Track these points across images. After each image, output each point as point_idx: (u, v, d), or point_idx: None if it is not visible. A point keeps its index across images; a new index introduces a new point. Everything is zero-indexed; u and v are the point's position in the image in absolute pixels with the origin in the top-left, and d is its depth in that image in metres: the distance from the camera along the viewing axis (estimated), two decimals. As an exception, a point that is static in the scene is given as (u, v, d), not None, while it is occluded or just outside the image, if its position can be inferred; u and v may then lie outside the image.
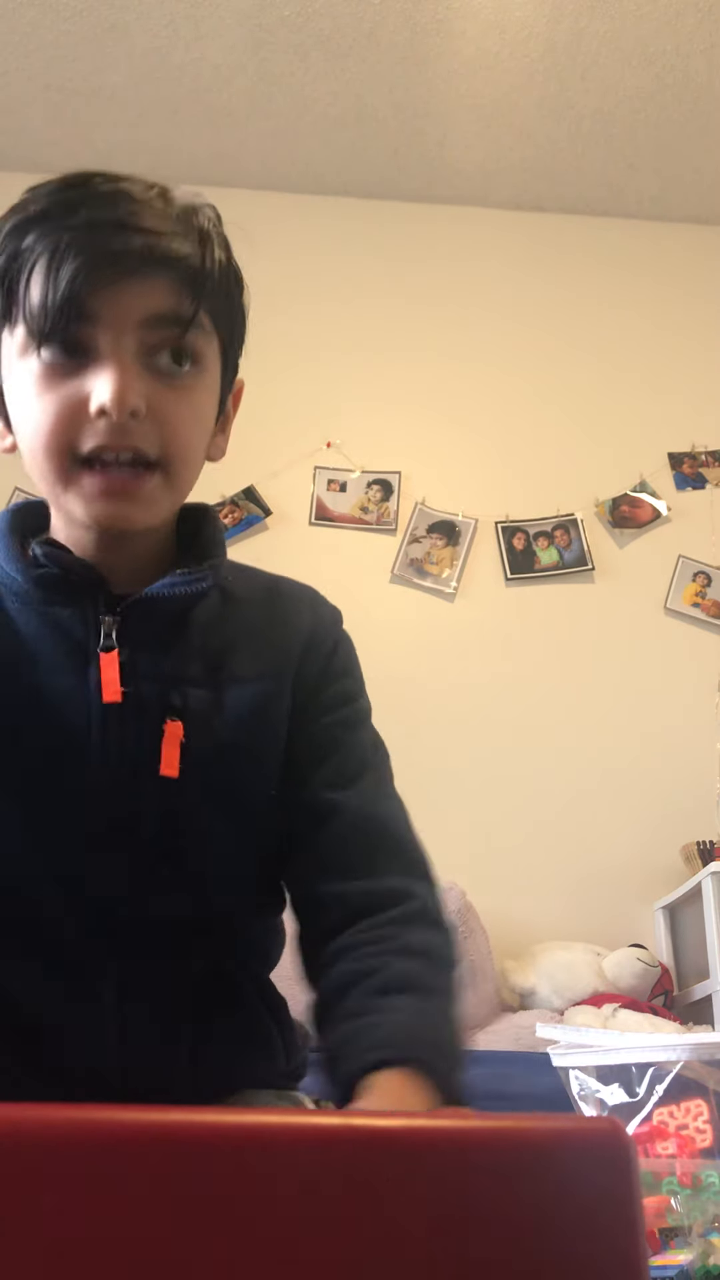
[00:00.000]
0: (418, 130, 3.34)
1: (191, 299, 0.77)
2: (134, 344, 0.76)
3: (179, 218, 0.78)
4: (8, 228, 0.77)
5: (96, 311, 0.75)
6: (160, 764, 0.78)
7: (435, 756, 3.06)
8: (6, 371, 0.80)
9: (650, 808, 3.05)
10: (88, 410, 0.75)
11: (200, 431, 0.83)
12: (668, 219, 3.64)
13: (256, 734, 0.84)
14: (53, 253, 0.74)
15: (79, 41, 3.05)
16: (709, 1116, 1.28)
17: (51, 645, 0.80)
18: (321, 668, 0.89)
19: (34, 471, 0.81)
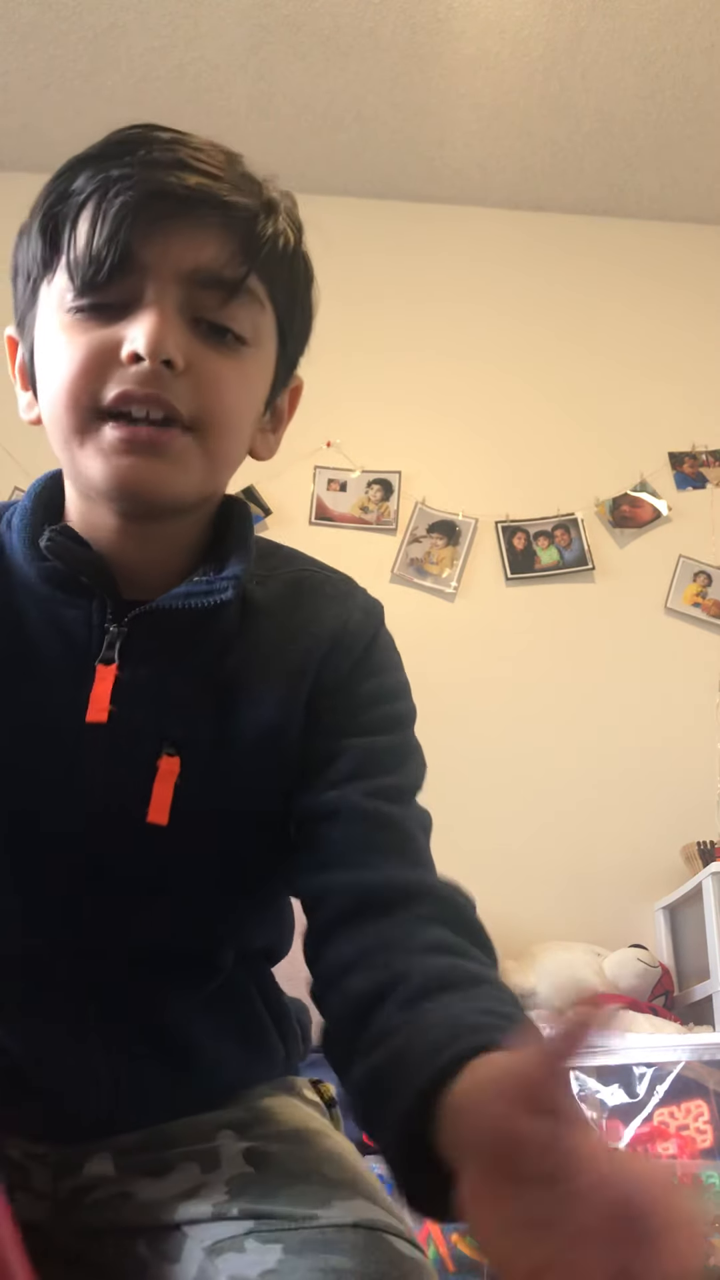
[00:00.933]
0: (418, 130, 3.33)
1: (245, 259, 0.70)
2: (178, 297, 0.69)
3: (243, 175, 0.73)
4: (60, 170, 0.71)
5: (142, 257, 0.68)
6: (149, 808, 0.69)
7: (435, 756, 3.05)
8: (40, 329, 0.73)
9: (650, 808, 3.05)
10: (118, 356, 0.68)
11: (247, 404, 0.74)
12: (668, 219, 3.63)
13: (263, 772, 0.75)
14: (103, 190, 0.68)
15: (79, 41, 3.05)
16: (709, 1117, 1.28)
17: (53, 650, 0.73)
18: (346, 673, 0.79)
19: (52, 430, 0.72)
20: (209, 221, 0.69)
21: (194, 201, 0.68)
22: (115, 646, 0.71)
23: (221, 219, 0.69)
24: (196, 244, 0.69)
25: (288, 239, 0.75)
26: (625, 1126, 1.29)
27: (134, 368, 0.67)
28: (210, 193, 0.69)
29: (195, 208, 0.68)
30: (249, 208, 0.71)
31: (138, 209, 0.67)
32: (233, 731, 0.73)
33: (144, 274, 0.69)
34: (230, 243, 0.70)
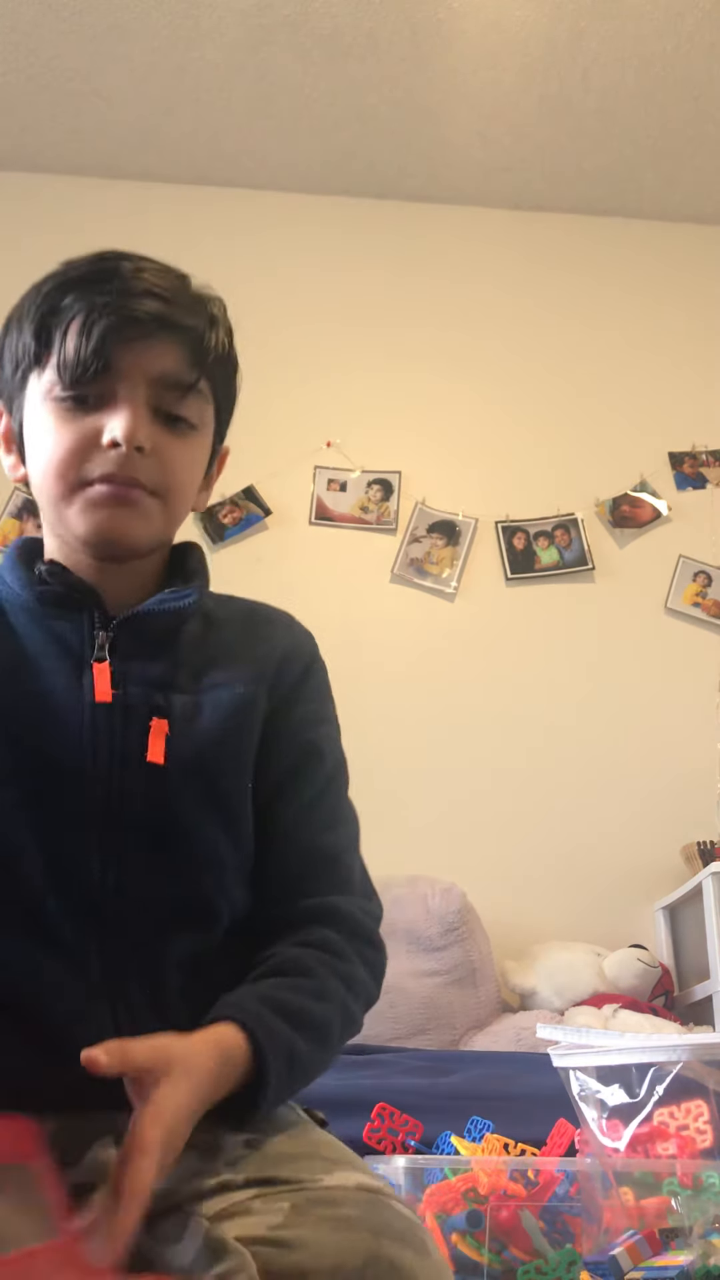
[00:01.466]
0: (418, 130, 3.33)
1: (196, 367, 0.92)
2: (145, 395, 0.90)
3: (193, 299, 0.94)
4: (49, 287, 0.92)
5: (119, 364, 0.89)
6: (147, 752, 0.87)
7: (435, 756, 3.07)
8: (29, 410, 0.93)
9: (650, 808, 3.05)
10: (100, 442, 0.88)
11: (194, 475, 0.96)
12: (668, 219, 3.64)
13: (234, 731, 0.92)
14: (89, 312, 0.88)
15: (79, 41, 3.05)
16: (709, 1117, 1.28)
17: (51, 654, 0.90)
18: (295, 682, 0.99)
19: (42, 494, 0.93)
20: (169, 339, 0.90)
21: (158, 324, 0.89)
22: (105, 648, 0.90)
23: (179, 337, 0.91)
24: (160, 355, 0.90)
25: (224, 345, 0.96)
26: (625, 1126, 1.29)
27: (112, 451, 0.88)
28: (170, 318, 0.90)
29: (159, 329, 0.90)
30: (198, 327, 0.92)
31: (117, 329, 0.88)
32: (205, 700, 0.92)
33: (119, 377, 0.89)
34: (185, 354, 0.91)
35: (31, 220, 3.44)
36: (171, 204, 3.51)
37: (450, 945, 2.62)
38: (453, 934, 2.63)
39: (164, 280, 0.93)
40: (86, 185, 3.49)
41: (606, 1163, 1.26)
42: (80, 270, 0.93)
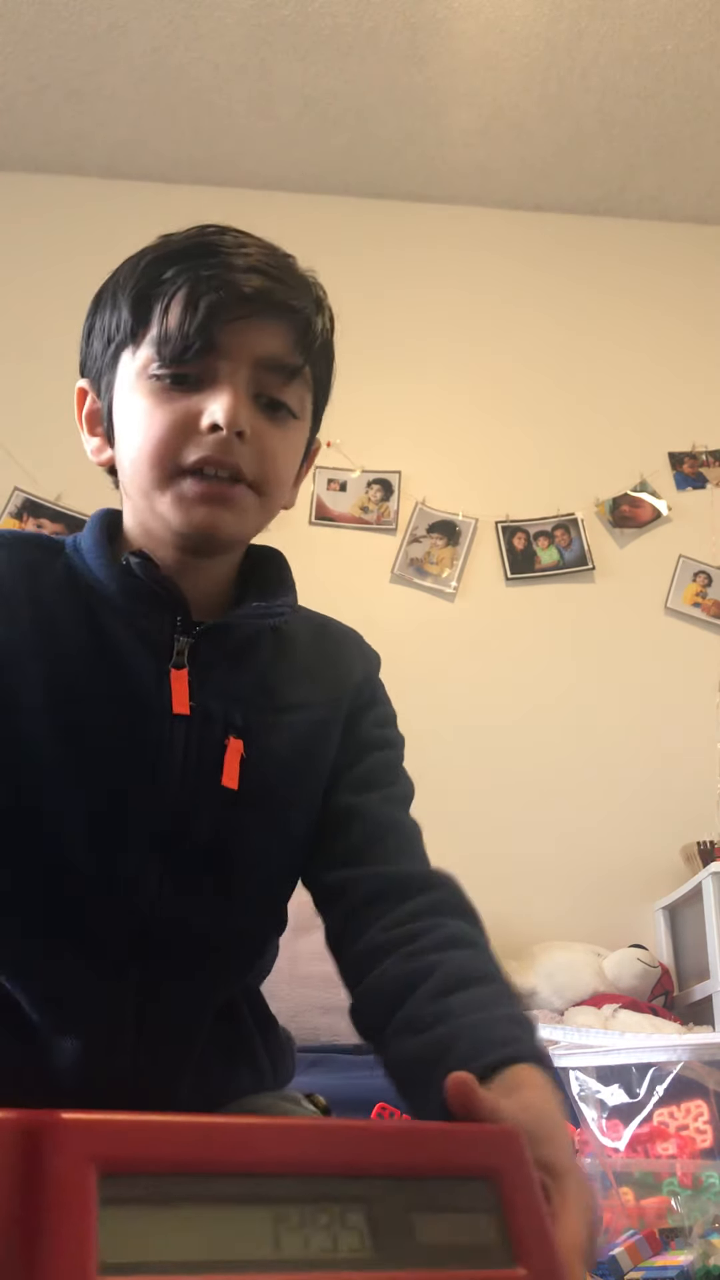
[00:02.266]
0: (418, 130, 3.33)
1: (302, 351, 0.87)
2: (248, 378, 0.84)
3: (300, 280, 0.90)
4: (149, 258, 0.87)
5: (223, 343, 0.83)
6: (222, 775, 0.82)
7: (435, 756, 3.06)
8: (120, 389, 0.87)
9: (650, 808, 3.05)
10: (199, 425, 0.82)
11: (291, 467, 0.91)
12: (668, 219, 3.64)
13: (310, 759, 0.89)
14: (193, 285, 0.83)
15: (79, 41, 3.05)
16: (709, 1117, 1.28)
17: (131, 653, 0.84)
18: (367, 701, 0.97)
19: (133, 479, 0.86)
20: (276, 318, 0.85)
21: (266, 302, 0.84)
22: (184, 654, 0.85)
23: (286, 317, 0.85)
24: (265, 336, 0.85)
25: (328, 332, 0.92)
26: (625, 1126, 1.29)
27: (211, 436, 0.82)
28: (279, 297, 0.85)
29: (266, 308, 0.84)
30: (306, 309, 0.87)
31: (223, 306, 0.82)
32: (282, 721, 0.88)
33: (222, 356, 0.83)
34: (290, 336, 0.86)
35: (31, 220, 3.44)
36: (171, 204, 3.50)
37: (450, 945, 2.62)
38: (453, 934, 2.63)
39: (271, 258, 0.88)
40: (86, 185, 3.49)
41: (606, 1163, 1.26)
42: (181, 243, 0.87)
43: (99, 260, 3.89)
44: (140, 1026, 0.81)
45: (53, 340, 3.36)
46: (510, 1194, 0.48)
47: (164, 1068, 0.81)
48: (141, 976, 0.81)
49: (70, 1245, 0.39)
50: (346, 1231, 0.44)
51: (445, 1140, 0.49)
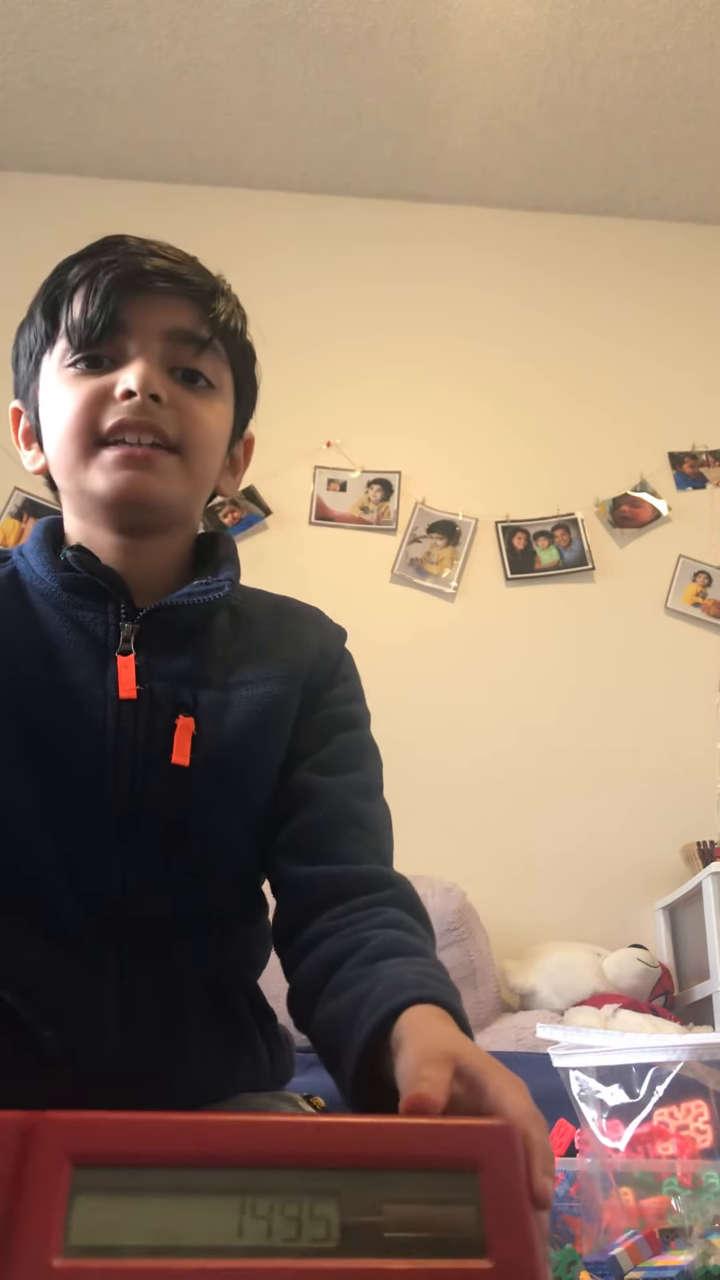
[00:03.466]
0: (418, 130, 3.34)
1: (208, 324, 0.89)
2: (159, 351, 0.88)
3: (197, 265, 0.92)
4: (55, 269, 0.92)
5: (127, 321, 0.87)
6: (172, 753, 0.83)
7: (435, 756, 3.06)
8: (44, 391, 0.90)
9: (650, 808, 3.05)
10: (113, 395, 0.85)
11: (216, 435, 0.91)
12: (668, 219, 3.64)
13: (264, 732, 0.88)
14: (92, 275, 0.87)
15: (79, 41, 3.05)
16: (709, 1117, 1.28)
17: (75, 644, 0.85)
18: (327, 675, 0.95)
19: (59, 463, 0.89)
20: (178, 293, 0.88)
21: (164, 278, 0.88)
22: (130, 640, 0.85)
23: (188, 291, 0.89)
24: (171, 310, 0.88)
25: (236, 320, 0.93)
26: (625, 1126, 1.29)
27: (126, 402, 0.85)
28: (178, 273, 0.89)
29: (166, 283, 0.88)
30: (207, 285, 0.91)
31: (122, 283, 0.86)
32: (235, 698, 0.88)
33: (129, 334, 0.87)
34: (196, 309, 0.89)
35: (31, 220, 3.44)
36: (171, 204, 3.51)
37: (450, 945, 2.62)
38: (452, 934, 2.63)
39: (169, 249, 0.91)
40: (86, 185, 3.49)
41: (606, 1163, 1.27)
42: (86, 248, 0.92)
43: (99, 260, 3.73)
44: (121, 1013, 0.80)
45: (53, 340, 3.37)
46: (491, 1187, 0.48)
47: (153, 1056, 0.80)
48: (116, 960, 0.81)
49: (40, 1229, 0.42)
50: (313, 1221, 0.45)
51: (430, 1133, 0.50)
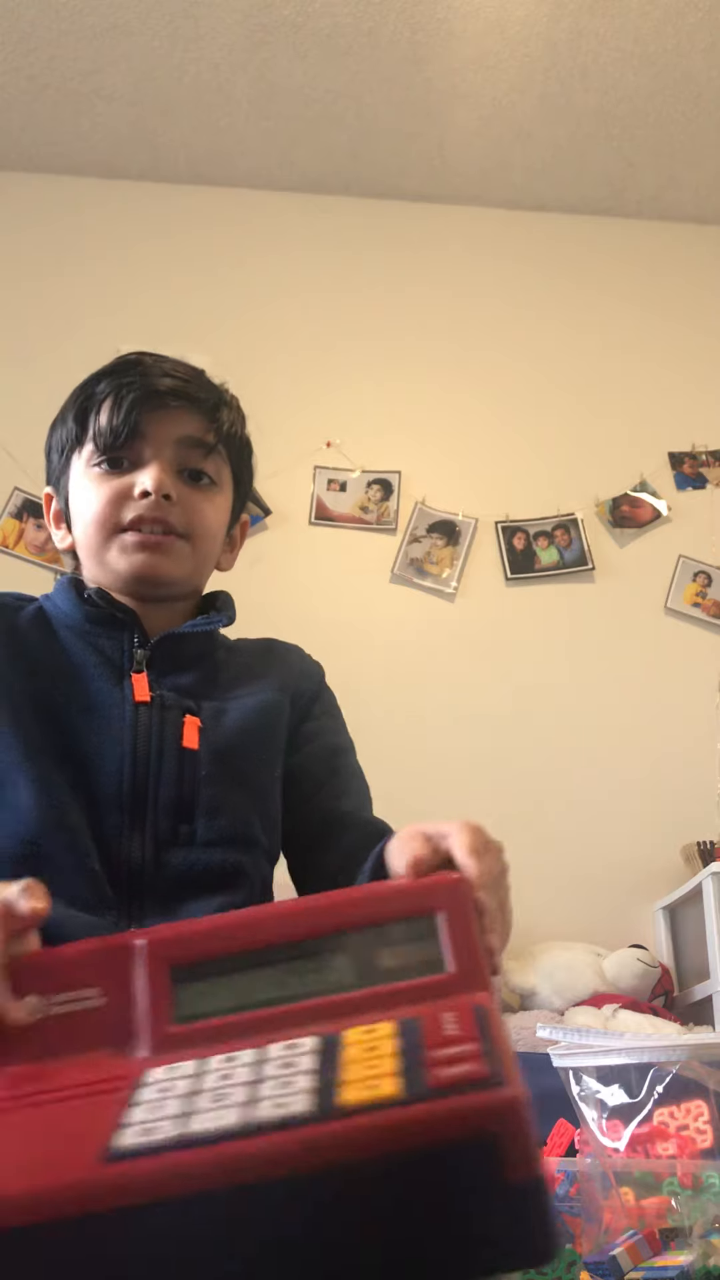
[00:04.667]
0: (418, 130, 3.33)
1: (213, 431, 1.09)
2: (170, 455, 1.07)
3: (206, 382, 1.12)
4: (85, 382, 1.11)
5: (146, 430, 1.06)
6: (183, 740, 1.00)
7: (435, 756, 3.06)
8: (74, 484, 1.10)
9: (650, 808, 3.05)
10: (133, 494, 1.05)
11: (217, 524, 1.11)
12: (668, 219, 3.64)
13: (260, 728, 1.06)
14: (118, 390, 1.07)
15: (79, 41, 3.05)
16: (709, 1117, 1.28)
17: (95, 664, 1.04)
18: (312, 696, 1.15)
19: (85, 545, 1.09)
20: (188, 407, 1.08)
21: (176, 396, 1.08)
22: (142, 663, 1.04)
23: (196, 406, 1.09)
24: (180, 421, 1.08)
25: (236, 426, 1.13)
26: (625, 1126, 1.29)
27: (143, 501, 1.05)
28: (186, 391, 1.09)
29: (179, 399, 1.08)
30: (211, 399, 1.11)
31: (143, 400, 1.06)
32: (232, 705, 1.07)
33: (146, 440, 1.07)
34: (202, 420, 1.09)
35: (31, 220, 3.44)
36: (171, 204, 3.51)
37: (450, 945, 2.62)
38: (453, 934, 2.63)
39: (180, 368, 1.11)
40: (86, 185, 3.49)
41: (606, 1163, 1.26)
42: (108, 367, 1.11)
43: (99, 260, 3.92)
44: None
45: (52, 340, 3.37)
46: (448, 923, 0.69)
47: None
48: (141, 918, 0.94)
49: (155, 1010, 0.65)
50: (333, 971, 0.67)
51: (404, 893, 0.71)
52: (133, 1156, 0.51)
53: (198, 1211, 0.50)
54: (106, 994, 0.66)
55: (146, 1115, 0.54)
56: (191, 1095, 0.56)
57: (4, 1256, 0.49)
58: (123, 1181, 0.50)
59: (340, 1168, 0.51)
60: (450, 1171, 0.51)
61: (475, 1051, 0.56)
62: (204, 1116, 0.53)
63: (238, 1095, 0.55)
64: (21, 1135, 0.57)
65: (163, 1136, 0.52)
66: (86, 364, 1.17)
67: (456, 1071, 0.54)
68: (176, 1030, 0.64)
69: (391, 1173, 0.51)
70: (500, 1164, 0.51)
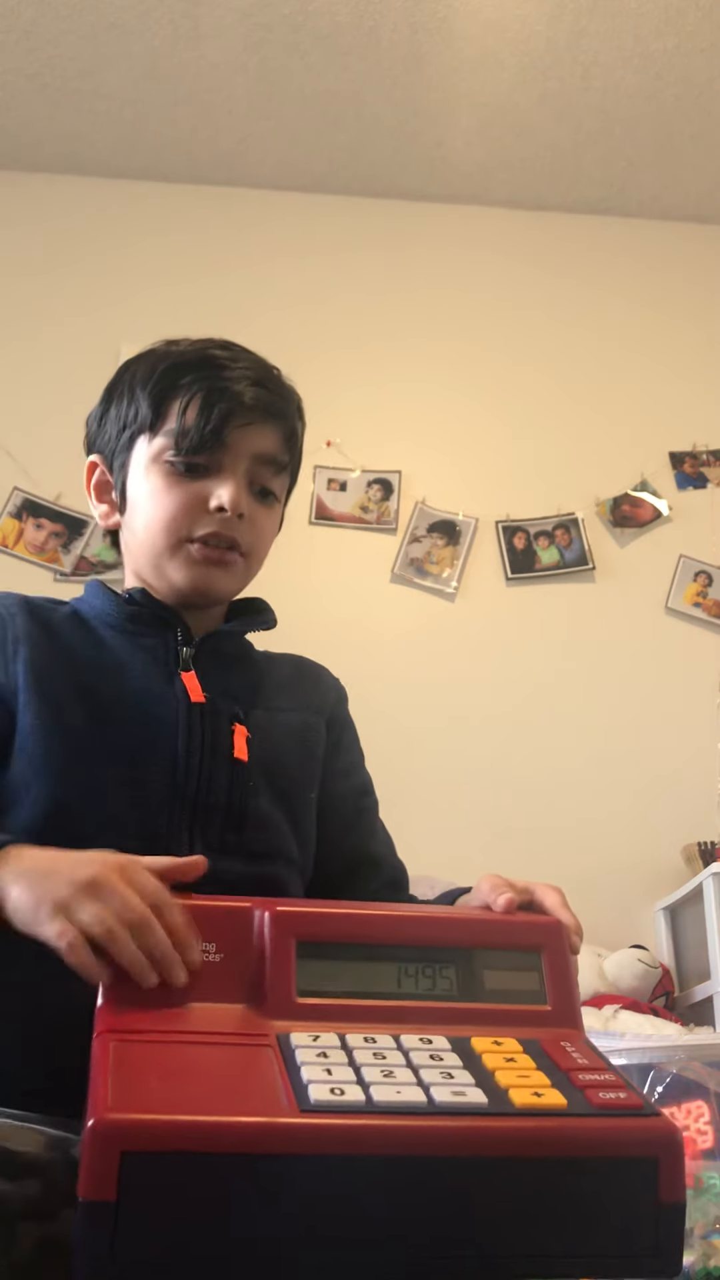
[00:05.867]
0: (418, 130, 3.33)
1: (288, 450, 1.10)
2: (246, 470, 1.06)
3: (286, 391, 1.12)
4: (165, 365, 1.07)
5: (230, 442, 1.05)
6: (234, 750, 1.01)
7: (435, 756, 3.06)
8: (135, 469, 1.08)
9: (650, 808, 3.04)
10: (207, 505, 1.04)
11: (272, 537, 1.13)
12: (668, 218, 3.63)
13: (300, 749, 1.09)
14: (208, 394, 1.04)
15: (79, 41, 3.05)
16: (709, 1117, 1.27)
17: (141, 661, 1.04)
18: (342, 724, 1.18)
19: (144, 543, 1.07)
20: (271, 423, 1.08)
21: (264, 412, 1.07)
22: (189, 661, 1.05)
23: (278, 424, 1.08)
24: (263, 437, 1.07)
25: (302, 433, 1.13)
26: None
27: (218, 515, 1.04)
28: (273, 407, 1.08)
29: (264, 416, 1.07)
30: (291, 417, 1.11)
31: (232, 413, 1.04)
32: (276, 719, 1.09)
33: (227, 452, 1.05)
34: (280, 438, 1.09)
35: (31, 220, 3.44)
36: (171, 204, 3.50)
37: (450, 945, 2.62)
38: (453, 934, 2.63)
39: (265, 374, 1.10)
40: (86, 185, 3.49)
41: (607, 1163, 1.26)
42: (192, 356, 1.08)
43: (99, 261, 3.92)
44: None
45: (52, 340, 3.36)
46: (549, 960, 0.76)
47: None
48: None
49: (281, 981, 0.70)
50: (441, 979, 0.73)
51: (512, 926, 0.78)
52: (329, 1111, 0.58)
53: (376, 1172, 0.57)
54: (223, 950, 0.72)
55: (320, 1075, 0.61)
56: (356, 1066, 0.63)
57: (197, 1178, 0.55)
58: (322, 1132, 0.57)
59: (513, 1159, 0.58)
60: (611, 1184, 0.58)
61: (619, 1081, 0.63)
62: (383, 1088, 0.60)
63: (404, 1075, 0.63)
64: (191, 1070, 0.63)
65: (353, 1099, 0.59)
66: (86, 364, 1.17)
67: (613, 1096, 0.61)
68: (302, 1002, 0.70)
69: (556, 1174, 0.58)
70: (656, 1185, 0.58)
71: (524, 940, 0.77)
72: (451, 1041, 0.68)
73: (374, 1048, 0.66)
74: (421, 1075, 0.62)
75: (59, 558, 3.13)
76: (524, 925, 0.79)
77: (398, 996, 0.72)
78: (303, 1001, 0.70)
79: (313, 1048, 0.65)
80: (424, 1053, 0.66)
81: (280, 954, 0.71)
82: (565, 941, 0.79)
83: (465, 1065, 0.65)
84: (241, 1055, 0.65)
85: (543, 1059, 0.66)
